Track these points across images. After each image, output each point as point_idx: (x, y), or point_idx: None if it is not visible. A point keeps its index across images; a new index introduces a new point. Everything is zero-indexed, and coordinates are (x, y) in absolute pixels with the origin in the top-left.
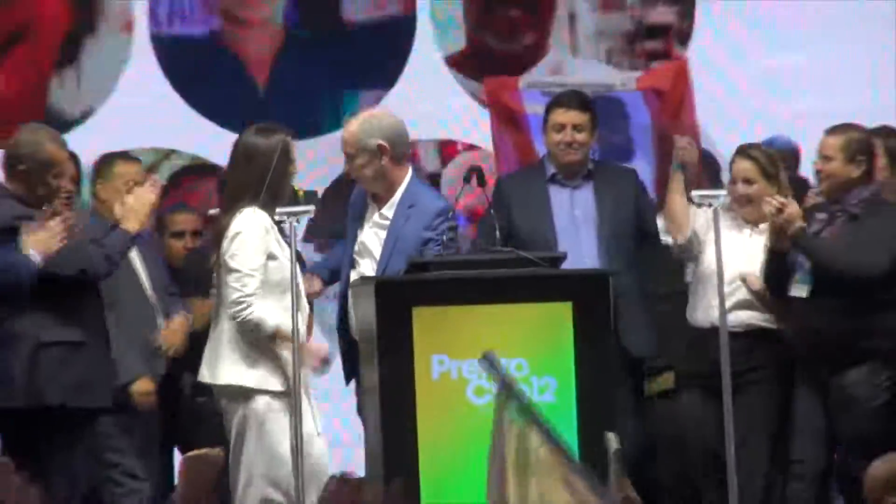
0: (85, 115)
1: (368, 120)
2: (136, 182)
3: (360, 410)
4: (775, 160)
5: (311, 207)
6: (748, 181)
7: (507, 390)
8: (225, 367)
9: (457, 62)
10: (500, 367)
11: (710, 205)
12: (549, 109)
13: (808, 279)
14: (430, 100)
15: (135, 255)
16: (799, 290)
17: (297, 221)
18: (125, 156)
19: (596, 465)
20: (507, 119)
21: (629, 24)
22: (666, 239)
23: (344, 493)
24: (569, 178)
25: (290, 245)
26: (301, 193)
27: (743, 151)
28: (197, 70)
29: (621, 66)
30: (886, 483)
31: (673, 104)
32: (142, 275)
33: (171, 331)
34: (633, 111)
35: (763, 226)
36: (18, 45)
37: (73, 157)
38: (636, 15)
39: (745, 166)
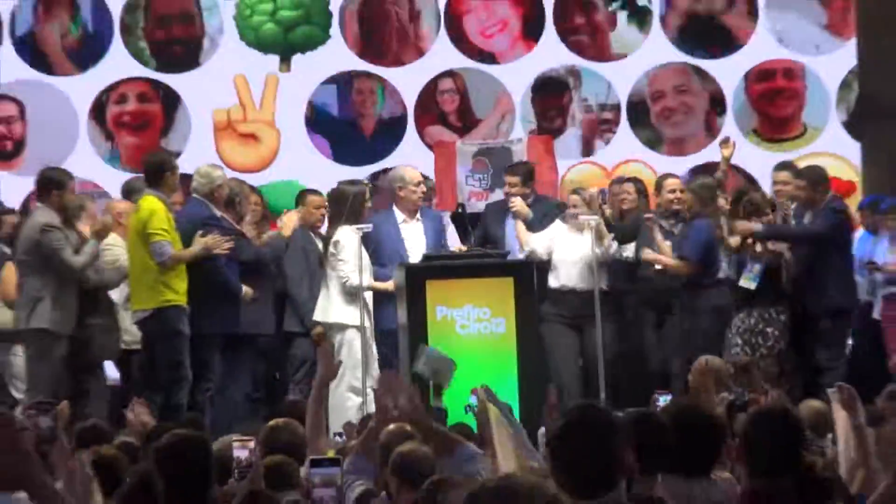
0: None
1: (416, 171)
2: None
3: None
4: (595, 195)
5: (371, 225)
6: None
7: (495, 403)
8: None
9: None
10: (495, 396)
11: (589, 223)
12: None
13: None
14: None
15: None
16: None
17: (362, 233)
18: (314, 191)
19: (531, 372)
20: (444, 164)
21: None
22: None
23: (391, 379)
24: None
25: (360, 247)
26: (371, 187)
27: (574, 190)
28: (334, 133)
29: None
30: (704, 371)
31: (541, 159)
32: None
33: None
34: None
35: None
36: (145, 128)
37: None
38: None
39: (575, 199)
